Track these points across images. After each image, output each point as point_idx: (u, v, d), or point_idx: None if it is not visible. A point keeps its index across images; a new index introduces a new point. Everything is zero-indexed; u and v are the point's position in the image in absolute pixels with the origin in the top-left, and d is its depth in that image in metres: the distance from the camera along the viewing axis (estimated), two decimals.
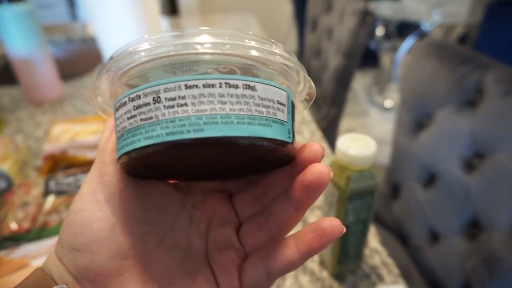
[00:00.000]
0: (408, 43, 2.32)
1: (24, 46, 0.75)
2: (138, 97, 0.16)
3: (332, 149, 1.24)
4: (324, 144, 0.67)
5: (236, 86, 0.16)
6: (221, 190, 0.23)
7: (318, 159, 0.18)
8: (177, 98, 0.16)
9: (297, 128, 0.73)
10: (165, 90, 0.16)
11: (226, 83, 0.16)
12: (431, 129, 0.69)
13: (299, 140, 0.69)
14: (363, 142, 0.35)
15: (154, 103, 0.16)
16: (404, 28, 2.60)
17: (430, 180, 0.71)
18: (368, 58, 2.50)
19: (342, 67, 1.11)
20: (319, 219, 0.18)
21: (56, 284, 0.18)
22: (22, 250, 0.43)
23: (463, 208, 0.63)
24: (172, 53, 0.16)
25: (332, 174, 0.17)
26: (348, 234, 0.40)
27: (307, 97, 0.21)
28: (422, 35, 2.31)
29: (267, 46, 0.17)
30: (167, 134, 0.15)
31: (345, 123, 2.18)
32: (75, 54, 1.25)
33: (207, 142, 0.15)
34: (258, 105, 0.16)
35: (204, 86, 0.16)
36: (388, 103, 2.37)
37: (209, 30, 0.16)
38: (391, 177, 0.82)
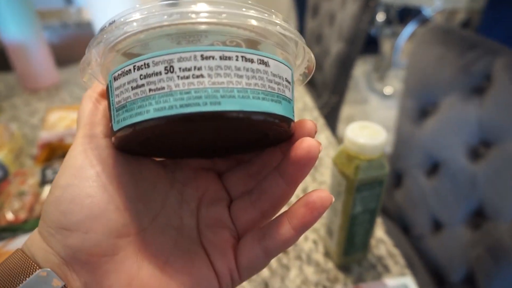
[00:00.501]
0: (410, 29, 2.29)
1: (18, 32, 0.72)
2: (147, 65, 0.15)
3: (334, 135, 1.23)
4: (327, 133, 0.66)
5: (252, 61, 0.16)
6: (210, 169, 0.23)
7: (311, 135, 0.18)
8: (193, 68, 0.15)
9: (299, 115, 0.71)
10: (179, 60, 0.15)
11: (242, 57, 0.15)
12: (436, 117, 0.68)
13: None
14: (372, 130, 0.34)
15: (166, 73, 0.15)
16: (405, 14, 2.56)
17: (434, 168, 0.70)
18: (368, 44, 2.47)
19: (343, 53, 1.09)
20: (308, 192, 0.18)
21: (40, 267, 0.16)
22: (19, 241, 0.41)
23: (468, 197, 0.62)
24: (177, 22, 0.15)
25: (321, 147, 0.17)
26: (355, 224, 0.39)
27: (306, 71, 0.20)
28: (424, 20, 2.28)
29: (266, 15, 0.16)
30: (181, 106, 0.15)
31: (345, 110, 2.16)
32: (70, 39, 1.22)
33: (223, 116, 0.15)
34: (270, 81, 0.16)
35: (221, 58, 0.15)
36: (388, 90, 2.35)
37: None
38: (393, 165, 0.81)
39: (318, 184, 0.54)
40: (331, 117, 1.22)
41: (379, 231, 0.47)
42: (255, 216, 0.20)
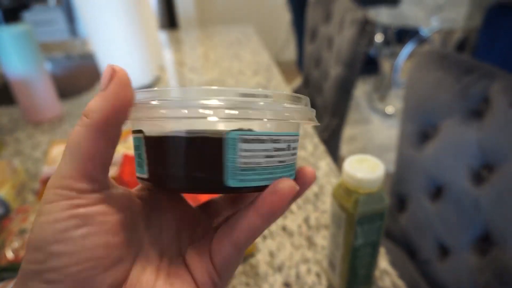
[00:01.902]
0: (408, 49, 2.32)
1: (22, 67, 0.74)
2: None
3: (335, 162, 1.23)
4: (328, 160, 0.66)
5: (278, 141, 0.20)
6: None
7: (310, 183, 0.21)
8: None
9: (300, 142, 0.72)
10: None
11: (273, 140, 0.19)
12: (437, 140, 0.68)
13: (301, 154, 0.68)
14: (370, 163, 0.34)
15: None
16: (403, 34, 2.60)
17: (437, 192, 0.69)
18: (367, 65, 2.50)
19: (342, 76, 1.10)
20: (275, 182, 0.18)
21: None
22: None
23: (473, 221, 0.61)
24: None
25: (293, 191, 0.18)
26: (357, 257, 0.38)
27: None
28: (421, 41, 2.31)
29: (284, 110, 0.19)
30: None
31: (347, 131, 2.17)
32: (74, 71, 1.24)
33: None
34: (294, 154, 0.21)
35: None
36: (390, 109, 2.36)
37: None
38: (397, 189, 0.80)
39: (320, 213, 0.54)
40: (333, 140, 1.22)
41: (383, 262, 0.46)
42: (228, 249, 0.20)
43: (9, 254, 0.45)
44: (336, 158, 1.29)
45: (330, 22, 1.24)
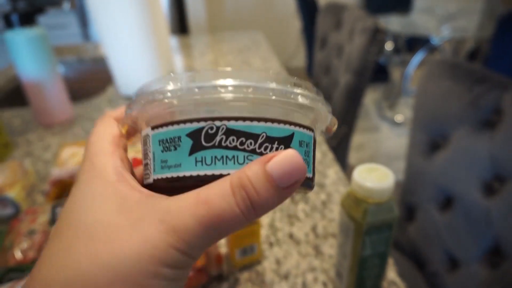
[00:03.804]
0: (418, 57, 2.31)
1: (35, 70, 0.75)
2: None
3: (343, 169, 1.22)
4: (336, 168, 0.66)
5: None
6: None
7: None
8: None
9: None
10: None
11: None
12: (447, 150, 0.67)
13: None
14: (380, 173, 0.34)
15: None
16: (413, 43, 2.59)
17: (447, 203, 0.68)
18: (377, 73, 2.49)
19: (352, 85, 1.10)
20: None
21: None
22: None
23: (483, 234, 0.60)
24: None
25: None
26: (365, 268, 0.38)
27: (325, 130, 0.21)
28: (432, 49, 2.30)
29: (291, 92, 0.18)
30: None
31: (355, 138, 2.16)
32: (86, 74, 1.26)
33: None
34: None
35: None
36: (399, 118, 2.35)
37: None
38: (405, 199, 0.79)
39: (328, 222, 0.53)
40: (341, 148, 1.21)
41: (391, 273, 0.45)
42: None
43: (18, 255, 0.45)
44: (345, 166, 1.28)
45: (341, 30, 1.24)
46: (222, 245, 0.49)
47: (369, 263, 0.37)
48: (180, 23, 2.47)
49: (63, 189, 0.58)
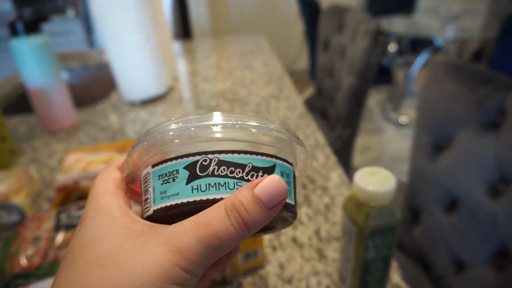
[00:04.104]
0: (422, 58, 2.30)
1: (40, 77, 0.76)
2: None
3: (347, 172, 1.22)
4: (339, 171, 0.65)
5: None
6: None
7: None
8: None
9: (311, 152, 0.71)
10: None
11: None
12: (451, 152, 0.67)
13: (313, 165, 0.67)
14: (381, 176, 0.33)
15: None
16: (417, 44, 2.58)
17: (452, 205, 0.68)
18: (381, 75, 2.49)
19: (355, 87, 1.10)
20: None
21: None
22: None
23: (490, 235, 0.60)
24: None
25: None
26: (369, 272, 0.38)
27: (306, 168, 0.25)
28: (436, 50, 2.29)
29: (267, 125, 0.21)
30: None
31: (359, 140, 2.15)
32: (90, 80, 1.27)
33: None
34: None
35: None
36: (403, 119, 2.33)
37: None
38: (410, 201, 0.79)
39: (331, 225, 0.53)
40: (345, 150, 1.21)
41: (396, 276, 0.45)
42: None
43: (23, 261, 0.45)
44: (349, 168, 1.28)
45: (343, 32, 1.24)
46: None
47: (372, 266, 0.37)
48: (183, 28, 2.48)
49: (68, 195, 0.58)
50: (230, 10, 2.87)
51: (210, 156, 0.19)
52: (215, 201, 0.19)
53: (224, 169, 0.19)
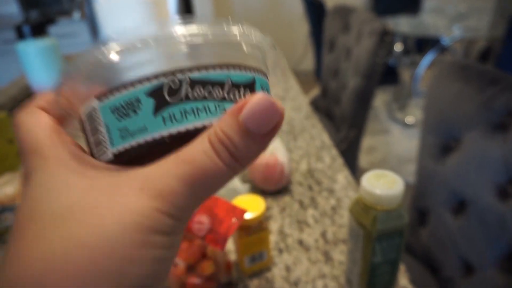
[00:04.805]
0: (428, 58, 2.28)
1: (47, 80, 0.77)
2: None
3: (353, 173, 1.21)
4: (346, 172, 0.65)
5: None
6: None
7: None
8: None
9: (317, 153, 0.71)
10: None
11: None
12: (459, 153, 0.66)
13: (319, 167, 0.67)
14: (389, 179, 0.33)
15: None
16: (423, 43, 2.57)
17: (460, 207, 0.67)
18: (387, 75, 2.47)
19: (361, 87, 1.09)
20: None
21: None
22: None
23: (499, 238, 0.59)
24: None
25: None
26: (376, 275, 0.37)
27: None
28: (442, 50, 2.27)
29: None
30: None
31: (366, 141, 2.14)
32: None
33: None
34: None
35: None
36: (410, 119, 2.32)
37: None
38: (417, 202, 0.78)
39: (338, 227, 0.53)
40: (351, 151, 1.20)
41: (403, 280, 0.45)
42: None
43: None
44: (355, 169, 1.27)
45: (348, 32, 1.23)
46: (232, 253, 0.48)
47: (379, 270, 0.37)
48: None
49: None
50: (235, 10, 2.87)
51: (179, 76, 0.15)
52: (196, 131, 0.16)
53: (199, 90, 0.16)
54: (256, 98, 0.15)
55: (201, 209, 0.39)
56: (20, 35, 0.73)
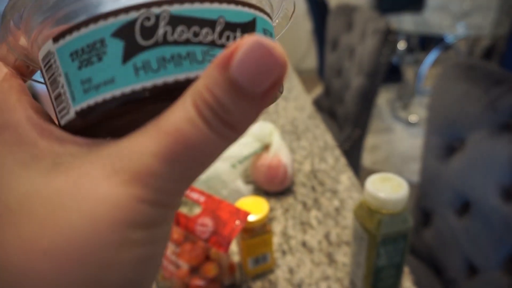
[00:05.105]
0: (432, 56, 2.27)
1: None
2: None
3: (356, 173, 1.21)
4: (349, 173, 0.65)
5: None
6: None
7: None
8: None
9: (321, 153, 0.71)
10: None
11: None
12: (464, 154, 0.65)
13: (322, 168, 0.67)
14: (394, 183, 0.33)
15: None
16: (427, 41, 2.55)
17: (464, 207, 0.67)
18: (390, 73, 2.46)
19: (364, 87, 1.08)
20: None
21: None
22: None
23: (503, 239, 0.58)
24: None
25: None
26: (380, 279, 0.37)
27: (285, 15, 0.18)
28: (446, 48, 2.26)
29: None
30: None
31: (369, 140, 2.13)
32: None
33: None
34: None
35: None
36: (413, 118, 2.31)
37: None
38: (421, 203, 0.78)
39: (341, 229, 0.53)
40: (354, 150, 1.20)
41: (407, 282, 0.44)
42: None
43: None
44: (358, 168, 1.27)
45: (352, 31, 1.22)
46: (235, 255, 0.48)
47: (384, 273, 0.36)
48: None
49: None
50: None
51: (155, 10, 0.11)
52: (177, 85, 0.12)
53: (182, 30, 0.12)
54: (249, 43, 0.11)
55: (204, 211, 0.39)
56: None
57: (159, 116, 0.12)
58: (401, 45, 2.45)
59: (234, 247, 0.50)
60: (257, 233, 0.43)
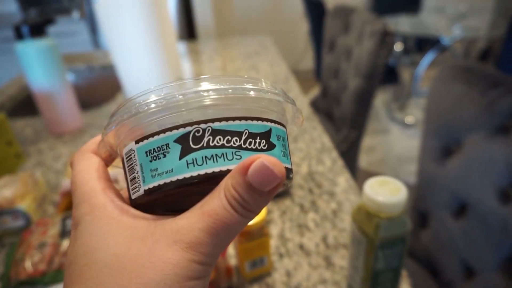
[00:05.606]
0: (428, 58, 2.28)
1: (45, 80, 0.76)
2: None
3: (353, 174, 1.21)
4: (346, 175, 0.65)
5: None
6: None
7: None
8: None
9: (318, 155, 0.71)
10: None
11: None
12: (461, 156, 0.65)
13: (319, 169, 0.66)
14: (392, 186, 0.33)
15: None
16: (423, 43, 2.56)
17: (461, 210, 0.67)
18: (387, 74, 2.47)
19: (362, 88, 1.08)
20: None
21: None
22: None
23: (501, 242, 0.58)
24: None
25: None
26: (378, 283, 0.37)
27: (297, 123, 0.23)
28: (443, 49, 2.27)
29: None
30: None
31: (365, 141, 2.13)
32: (95, 82, 1.27)
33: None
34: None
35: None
36: (410, 119, 2.32)
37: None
38: (418, 205, 0.78)
39: (339, 232, 0.52)
40: (351, 152, 1.20)
41: (405, 285, 0.44)
42: None
43: (29, 268, 0.45)
44: (355, 170, 1.27)
45: (349, 33, 1.23)
46: (232, 258, 0.48)
47: (382, 277, 0.36)
48: (188, 29, 2.48)
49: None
50: (235, 10, 2.86)
51: (203, 126, 0.18)
52: (214, 174, 0.18)
53: (219, 139, 0.18)
54: (258, 163, 0.17)
55: None
56: (19, 35, 0.72)
57: (203, 201, 0.18)
58: (398, 47, 2.46)
59: (231, 250, 0.49)
60: (254, 236, 0.42)
